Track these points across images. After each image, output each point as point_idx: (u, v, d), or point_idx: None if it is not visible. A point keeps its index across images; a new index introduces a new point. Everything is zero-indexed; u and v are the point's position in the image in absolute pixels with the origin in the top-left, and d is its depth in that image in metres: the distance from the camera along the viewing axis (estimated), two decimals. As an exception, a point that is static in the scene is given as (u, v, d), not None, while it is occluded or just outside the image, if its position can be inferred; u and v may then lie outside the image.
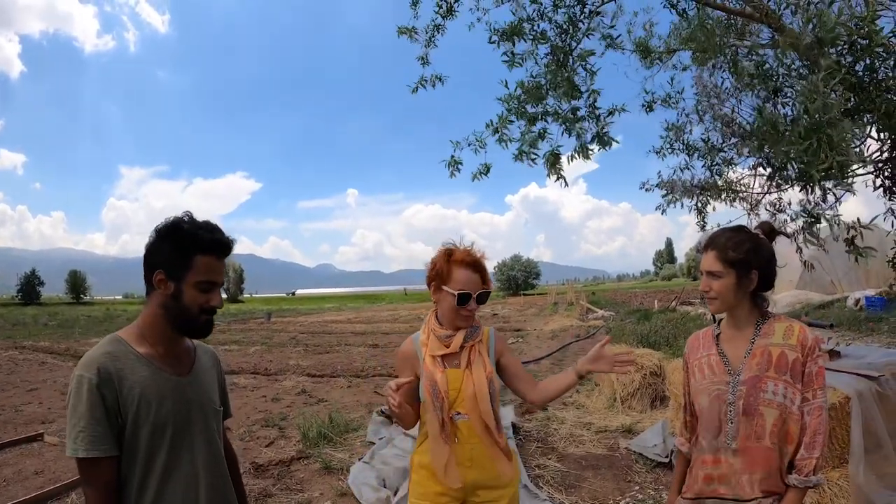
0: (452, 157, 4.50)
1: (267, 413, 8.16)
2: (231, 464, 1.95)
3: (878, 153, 4.47)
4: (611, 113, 4.46)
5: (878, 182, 4.43)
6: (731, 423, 1.99)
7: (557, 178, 4.26)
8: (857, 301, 16.17)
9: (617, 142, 4.38)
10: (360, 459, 5.45)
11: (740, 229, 2.11)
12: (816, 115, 3.02)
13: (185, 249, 1.67)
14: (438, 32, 4.84)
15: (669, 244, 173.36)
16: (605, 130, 4.42)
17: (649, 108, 4.85)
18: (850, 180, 4.20)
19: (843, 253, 4.11)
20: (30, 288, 62.42)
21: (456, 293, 2.19)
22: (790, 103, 4.13)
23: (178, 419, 1.70)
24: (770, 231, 2.13)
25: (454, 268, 2.23)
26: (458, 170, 4.56)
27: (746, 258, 2.00)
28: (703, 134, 5.11)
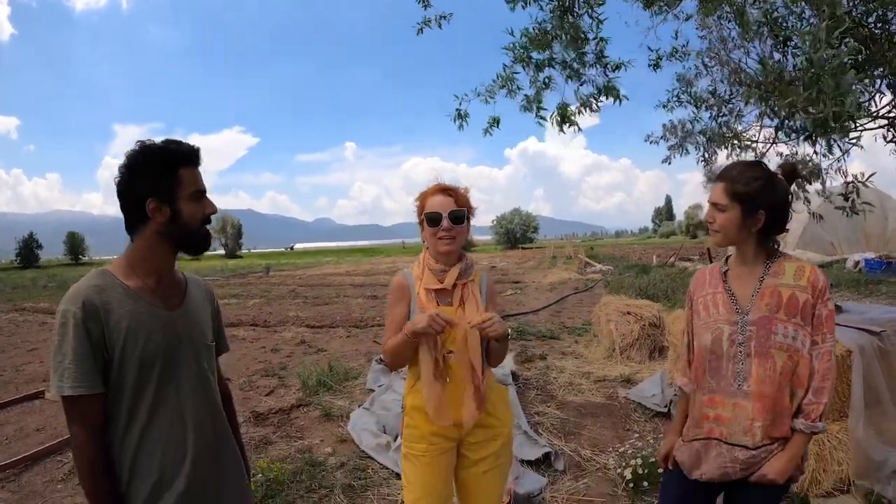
0: (458, 110, 4.35)
1: (267, 363, 8.19)
2: (224, 401, 1.90)
3: (890, 108, 4.34)
4: (616, 67, 4.30)
5: (889, 136, 4.32)
6: (742, 364, 1.94)
7: (570, 126, 4.14)
8: (857, 263, 16.18)
9: (626, 97, 4.26)
10: (359, 406, 5.48)
11: (756, 165, 2.01)
12: (820, 65, 2.92)
13: (167, 168, 1.61)
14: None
15: (669, 201, 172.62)
16: (611, 83, 4.27)
17: (656, 65, 4.68)
18: (857, 134, 4.08)
19: (844, 217, 4.03)
20: (28, 251, 61.95)
21: (424, 215, 2.20)
22: (799, 54, 3.99)
23: (167, 354, 1.64)
24: (791, 172, 2.02)
25: (427, 199, 2.24)
26: (466, 122, 4.42)
27: (754, 195, 1.91)
28: (710, 85, 4.97)
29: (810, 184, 3.45)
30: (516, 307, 13.12)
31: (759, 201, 1.91)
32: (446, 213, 2.17)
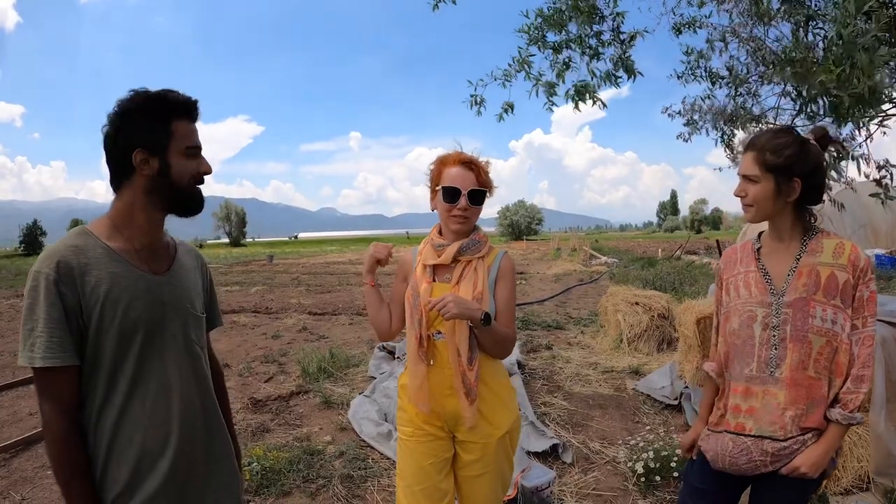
0: (474, 96, 4.19)
1: (267, 350, 8.07)
2: (215, 379, 1.74)
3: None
4: (632, 37, 4.16)
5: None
6: (776, 349, 1.77)
7: (594, 102, 3.99)
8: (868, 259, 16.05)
9: (641, 73, 4.12)
10: (360, 394, 5.34)
11: (786, 131, 1.83)
12: (850, 39, 2.77)
13: (162, 117, 1.46)
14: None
15: (674, 196, 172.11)
16: (627, 55, 4.13)
17: (678, 31, 4.52)
18: (883, 119, 3.91)
19: (853, 211, 3.88)
20: (32, 239, 61.64)
21: (441, 188, 2.01)
22: (821, 33, 3.83)
23: (151, 322, 1.48)
24: (823, 137, 1.85)
25: (445, 168, 2.05)
26: (484, 108, 4.26)
27: (787, 163, 1.74)
28: (727, 62, 4.80)
29: (844, 149, 3.28)
30: (521, 297, 12.99)
31: (793, 169, 1.75)
32: (466, 191, 1.99)
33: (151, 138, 1.46)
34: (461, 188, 1.98)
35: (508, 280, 2.09)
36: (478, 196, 2.01)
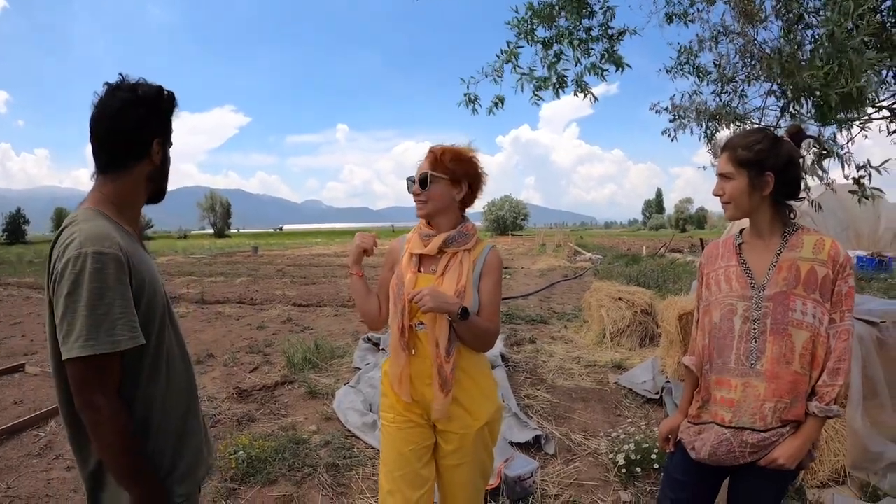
0: (467, 94, 4.20)
1: (252, 340, 8.05)
2: None
3: (894, 101, 4.24)
4: (621, 34, 4.20)
5: (893, 127, 4.22)
6: (755, 342, 1.81)
7: (585, 96, 4.03)
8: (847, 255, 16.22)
9: (629, 66, 4.16)
10: (345, 384, 5.36)
11: (759, 130, 1.91)
12: (841, 40, 2.83)
13: (170, 112, 1.57)
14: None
15: (659, 194, 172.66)
16: (615, 49, 4.17)
17: (669, 19, 4.56)
18: (865, 121, 3.98)
19: (835, 213, 3.94)
20: (15, 227, 60.62)
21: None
22: (810, 34, 3.89)
23: (167, 300, 1.57)
24: (796, 133, 1.90)
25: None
26: (479, 105, 4.25)
27: (758, 158, 1.81)
28: (715, 59, 4.84)
29: (819, 145, 3.35)
30: (505, 291, 13.04)
31: (764, 163, 1.81)
32: (416, 177, 2.05)
33: (166, 131, 1.56)
34: (414, 174, 2.06)
35: (494, 274, 2.09)
36: (422, 179, 2.02)
